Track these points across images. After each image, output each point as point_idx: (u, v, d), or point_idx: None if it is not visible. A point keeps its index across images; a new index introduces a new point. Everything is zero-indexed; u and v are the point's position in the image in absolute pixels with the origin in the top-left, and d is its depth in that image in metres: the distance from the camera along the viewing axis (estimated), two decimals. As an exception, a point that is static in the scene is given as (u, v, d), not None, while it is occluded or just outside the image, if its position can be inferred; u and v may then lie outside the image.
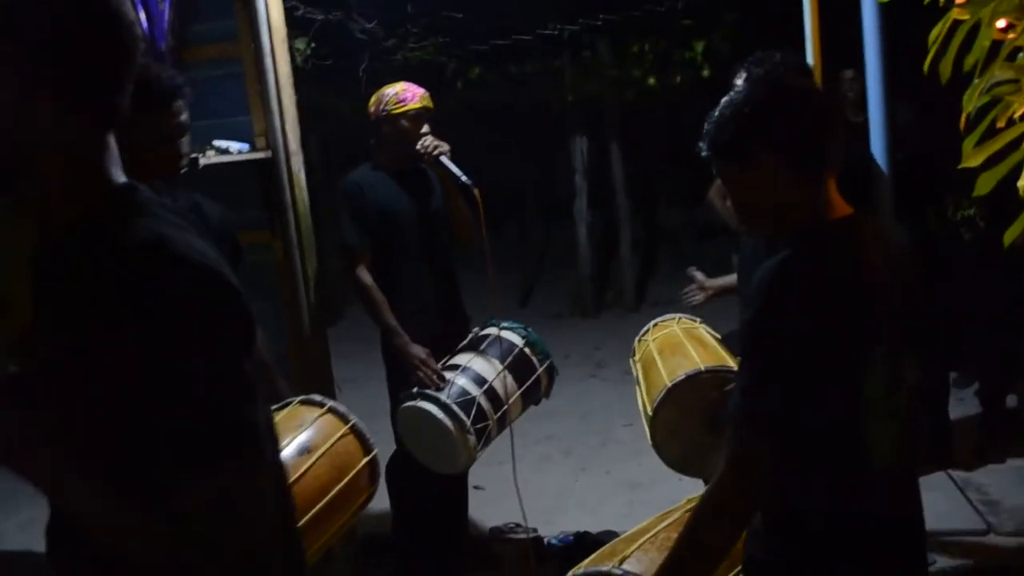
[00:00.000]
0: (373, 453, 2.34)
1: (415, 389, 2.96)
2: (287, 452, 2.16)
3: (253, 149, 3.14)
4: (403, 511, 3.39)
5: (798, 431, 1.51)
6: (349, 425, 2.33)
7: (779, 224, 1.59)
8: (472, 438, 2.87)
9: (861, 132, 3.14)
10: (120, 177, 1.19)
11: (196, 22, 3.17)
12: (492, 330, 3.18)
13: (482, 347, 3.10)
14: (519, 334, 3.14)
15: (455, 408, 2.87)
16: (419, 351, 3.03)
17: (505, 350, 3.08)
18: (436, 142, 3.13)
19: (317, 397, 2.40)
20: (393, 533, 3.43)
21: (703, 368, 2.54)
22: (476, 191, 3.06)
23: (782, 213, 1.57)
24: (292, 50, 3.56)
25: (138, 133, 2.10)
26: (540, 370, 3.13)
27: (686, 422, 2.52)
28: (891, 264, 1.61)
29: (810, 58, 3.05)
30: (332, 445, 2.24)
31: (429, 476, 3.06)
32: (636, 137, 8.12)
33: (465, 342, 3.20)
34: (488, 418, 2.92)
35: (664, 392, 2.52)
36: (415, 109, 3.11)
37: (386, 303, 3.12)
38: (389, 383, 3.29)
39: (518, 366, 3.08)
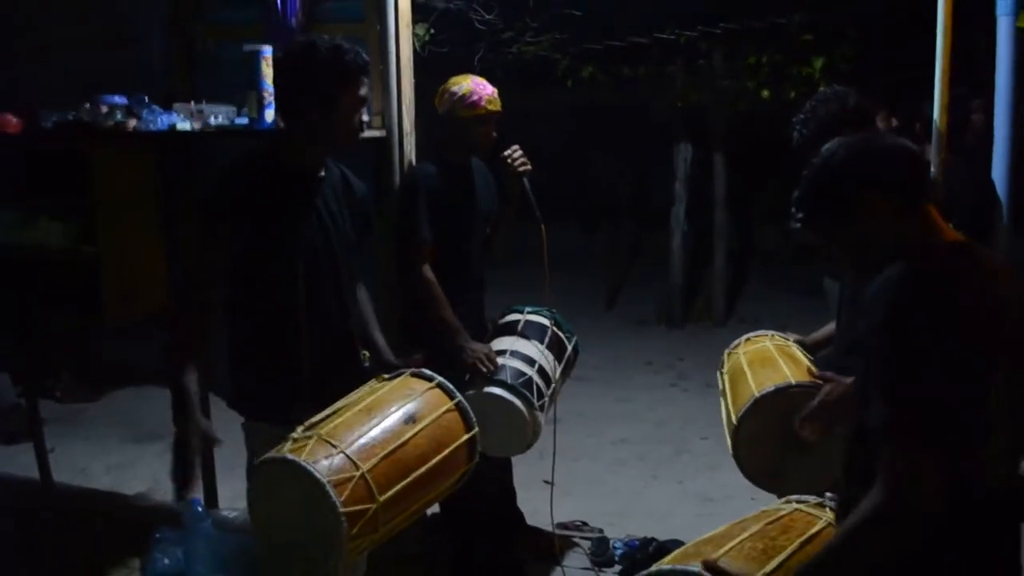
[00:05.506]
0: (474, 431, 2.40)
1: (467, 378, 2.97)
2: (394, 418, 2.25)
3: (369, 128, 3.23)
4: (452, 505, 3.28)
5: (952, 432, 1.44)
6: (454, 401, 2.41)
7: (892, 259, 1.60)
8: (540, 414, 2.97)
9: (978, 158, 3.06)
10: None
11: (326, 1, 3.28)
12: (517, 316, 3.25)
13: (518, 330, 3.18)
14: (545, 316, 3.25)
15: (520, 388, 2.94)
16: (483, 346, 3.06)
17: (539, 331, 3.19)
18: (524, 159, 3.18)
19: (427, 372, 2.48)
20: (444, 522, 3.42)
21: (793, 382, 2.50)
22: (543, 227, 3.08)
23: (892, 247, 1.61)
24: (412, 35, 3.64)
25: (333, 106, 2.38)
26: (570, 348, 3.27)
27: (769, 435, 2.48)
28: (1012, 285, 1.59)
29: (938, 81, 2.96)
30: (436, 418, 2.32)
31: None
32: (742, 150, 7.99)
33: (495, 329, 3.27)
34: (544, 395, 3.01)
35: (751, 402, 2.49)
36: (485, 112, 3.14)
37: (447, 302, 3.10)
38: None
39: (553, 345, 3.19)
